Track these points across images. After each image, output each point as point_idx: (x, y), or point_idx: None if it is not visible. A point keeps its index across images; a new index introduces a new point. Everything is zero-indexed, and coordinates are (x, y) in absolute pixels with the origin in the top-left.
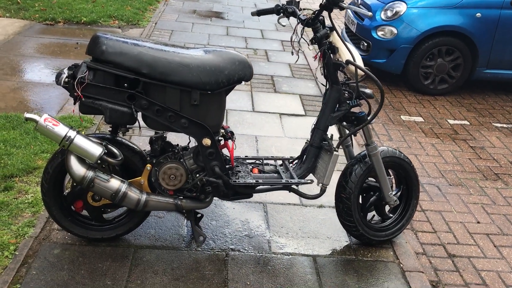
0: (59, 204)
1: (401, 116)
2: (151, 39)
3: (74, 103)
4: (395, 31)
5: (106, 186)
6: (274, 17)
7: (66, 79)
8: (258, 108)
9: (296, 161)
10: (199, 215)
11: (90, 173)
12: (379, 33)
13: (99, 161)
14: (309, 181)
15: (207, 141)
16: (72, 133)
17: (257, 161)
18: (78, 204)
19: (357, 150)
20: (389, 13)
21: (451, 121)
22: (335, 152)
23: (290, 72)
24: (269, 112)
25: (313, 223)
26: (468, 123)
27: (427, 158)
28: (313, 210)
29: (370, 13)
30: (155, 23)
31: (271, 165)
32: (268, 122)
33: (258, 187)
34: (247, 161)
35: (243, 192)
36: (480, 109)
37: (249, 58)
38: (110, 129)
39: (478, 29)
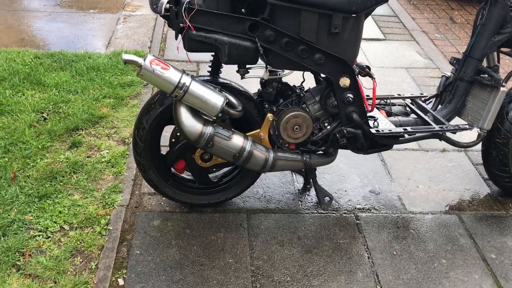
0: (156, 166)
1: None
2: None
3: (176, 37)
4: None
5: (228, 145)
6: None
7: (167, 5)
8: None
9: (432, 99)
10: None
11: (209, 129)
12: None
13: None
14: (468, 126)
15: (345, 81)
16: (186, 79)
17: (382, 101)
18: (180, 165)
19: None
20: None
21: None
22: (502, 88)
23: None
24: None
25: (441, 171)
26: None
27: None
28: (436, 155)
29: None
30: None
31: (399, 105)
32: None
33: (403, 137)
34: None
35: (384, 143)
36: None
37: None
38: (209, 69)
39: None
